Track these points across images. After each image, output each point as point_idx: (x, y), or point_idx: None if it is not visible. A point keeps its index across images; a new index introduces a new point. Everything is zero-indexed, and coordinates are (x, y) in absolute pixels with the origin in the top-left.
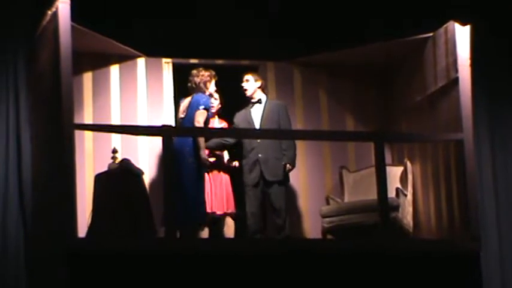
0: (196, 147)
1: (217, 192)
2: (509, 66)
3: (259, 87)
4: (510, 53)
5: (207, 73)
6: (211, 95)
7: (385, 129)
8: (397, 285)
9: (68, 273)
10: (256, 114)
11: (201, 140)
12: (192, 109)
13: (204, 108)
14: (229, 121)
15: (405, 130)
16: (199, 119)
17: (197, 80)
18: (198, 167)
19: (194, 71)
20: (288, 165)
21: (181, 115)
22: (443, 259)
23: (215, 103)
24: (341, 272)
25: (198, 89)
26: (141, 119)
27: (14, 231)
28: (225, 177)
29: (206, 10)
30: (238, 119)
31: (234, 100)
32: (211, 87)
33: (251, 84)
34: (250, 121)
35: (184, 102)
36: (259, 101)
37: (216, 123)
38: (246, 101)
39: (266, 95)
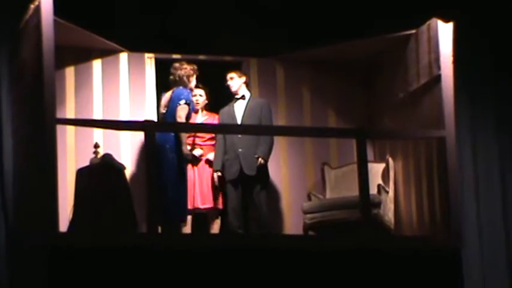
0: (178, 143)
1: (203, 186)
2: (491, 63)
3: (244, 83)
4: (493, 50)
5: (190, 67)
6: (191, 90)
7: (367, 125)
8: (378, 281)
9: (49, 268)
10: (239, 110)
11: (183, 135)
12: (173, 104)
13: (186, 103)
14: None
15: (387, 127)
16: (181, 114)
17: (181, 73)
18: (180, 163)
19: (176, 64)
20: (260, 159)
21: (162, 110)
22: (424, 256)
23: (200, 99)
24: (322, 269)
25: (181, 82)
26: (123, 114)
27: None
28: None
29: (189, 5)
30: (223, 115)
31: (217, 95)
32: (193, 82)
33: (236, 81)
34: (233, 117)
35: (166, 97)
36: (243, 97)
37: (199, 118)
38: (230, 96)
39: (249, 91)
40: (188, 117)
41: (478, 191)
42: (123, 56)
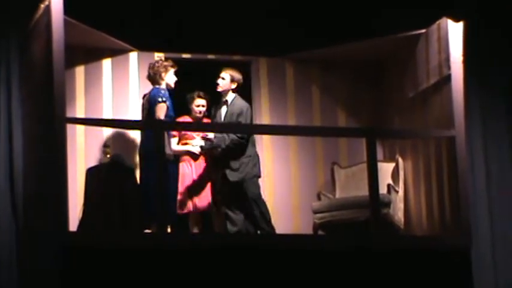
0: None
1: (203, 186)
2: (501, 63)
3: (231, 90)
4: (503, 50)
5: (164, 63)
6: (168, 86)
7: (377, 125)
8: (387, 281)
9: (59, 267)
10: (223, 115)
11: (166, 136)
12: (151, 104)
13: (162, 101)
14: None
15: (397, 126)
16: (160, 114)
17: (151, 72)
18: (163, 163)
19: (151, 63)
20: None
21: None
22: (434, 255)
23: (203, 109)
24: (332, 268)
25: (154, 81)
26: (133, 113)
27: (6, 225)
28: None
29: (199, 5)
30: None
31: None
32: (168, 78)
33: (225, 84)
34: (218, 120)
35: (146, 98)
36: (225, 102)
37: None
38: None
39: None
40: (167, 115)
41: (489, 191)
42: (133, 56)
